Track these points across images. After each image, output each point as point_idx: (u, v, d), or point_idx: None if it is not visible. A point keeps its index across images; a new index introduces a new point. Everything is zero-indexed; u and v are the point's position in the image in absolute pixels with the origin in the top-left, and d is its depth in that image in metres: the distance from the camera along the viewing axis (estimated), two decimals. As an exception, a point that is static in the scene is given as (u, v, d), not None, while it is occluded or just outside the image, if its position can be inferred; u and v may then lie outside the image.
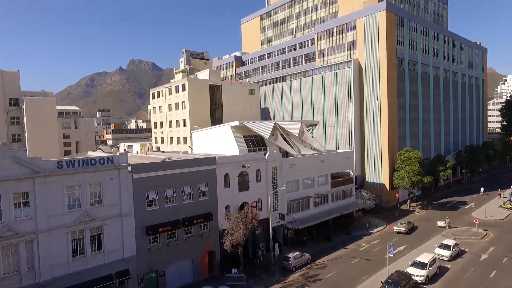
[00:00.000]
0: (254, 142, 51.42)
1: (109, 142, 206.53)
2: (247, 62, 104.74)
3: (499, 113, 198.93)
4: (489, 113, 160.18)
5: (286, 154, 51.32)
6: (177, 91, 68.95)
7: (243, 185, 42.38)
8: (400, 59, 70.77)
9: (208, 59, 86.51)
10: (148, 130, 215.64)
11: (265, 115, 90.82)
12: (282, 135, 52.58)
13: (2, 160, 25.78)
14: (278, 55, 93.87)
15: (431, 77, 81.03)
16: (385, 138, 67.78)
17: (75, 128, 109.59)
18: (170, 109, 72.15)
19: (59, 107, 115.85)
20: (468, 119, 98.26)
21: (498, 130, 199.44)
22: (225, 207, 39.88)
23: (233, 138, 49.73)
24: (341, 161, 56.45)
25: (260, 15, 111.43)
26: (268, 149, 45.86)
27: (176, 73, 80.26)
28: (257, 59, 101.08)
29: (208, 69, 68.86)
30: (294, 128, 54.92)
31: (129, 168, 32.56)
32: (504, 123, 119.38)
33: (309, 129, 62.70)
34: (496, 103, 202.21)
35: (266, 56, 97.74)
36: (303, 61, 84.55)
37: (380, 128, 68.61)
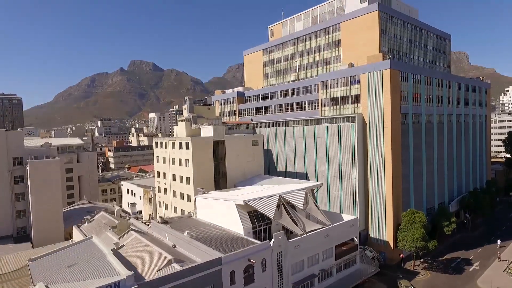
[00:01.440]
0: (259, 218, 51.42)
1: (111, 160, 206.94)
2: (250, 99, 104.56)
3: (501, 131, 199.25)
4: (492, 129, 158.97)
5: (290, 232, 51.26)
6: (180, 147, 68.83)
7: (249, 278, 42.25)
8: (404, 114, 70.56)
9: (210, 104, 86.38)
10: (150, 147, 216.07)
11: (268, 158, 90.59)
12: (286, 209, 52.53)
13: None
14: (281, 96, 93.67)
15: (435, 125, 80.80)
16: (389, 195, 67.64)
17: (78, 162, 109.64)
18: (173, 163, 72.02)
19: (62, 140, 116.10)
20: (472, 159, 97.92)
21: (501, 149, 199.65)
22: (231, 305, 39.78)
23: (238, 216, 49.83)
24: (345, 230, 56.26)
25: (263, 49, 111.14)
26: (273, 236, 45.69)
27: (180, 121, 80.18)
28: (260, 97, 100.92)
29: (212, 126, 68.67)
30: (298, 198, 54.80)
31: (136, 288, 32.42)
32: (508, 155, 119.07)
33: (314, 190, 62.68)
34: (499, 121, 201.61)
35: (269, 95, 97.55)
36: (306, 107, 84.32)
37: (384, 184, 68.46)
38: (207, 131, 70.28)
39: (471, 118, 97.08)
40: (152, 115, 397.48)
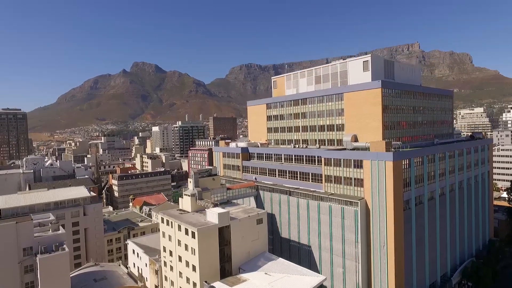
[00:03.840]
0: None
1: (115, 187, 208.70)
2: (254, 156, 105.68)
3: (504, 160, 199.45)
4: (494, 157, 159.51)
5: None
6: (186, 233, 70.12)
7: None
8: (407, 200, 71.55)
9: (216, 174, 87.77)
10: (153, 174, 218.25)
11: (272, 223, 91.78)
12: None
13: None
14: (285, 160, 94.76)
15: (438, 199, 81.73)
16: (392, 278, 68.75)
17: (84, 215, 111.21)
18: (179, 244, 73.27)
19: (69, 192, 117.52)
20: (474, 218, 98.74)
21: (502, 177, 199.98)
22: None
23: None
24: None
25: (267, 103, 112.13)
26: None
27: (185, 194, 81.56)
28: (264, 156, 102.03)
29: (217, 213, 69.83)
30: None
31: None
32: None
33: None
34: (502, 149, 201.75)
35: (273, 156, 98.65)
36: (310, 179, 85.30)
37: (387, 268, 69.57)
38: (212, 216, 71.48)
39: (474, 179, 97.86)
40: (155, 128, 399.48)
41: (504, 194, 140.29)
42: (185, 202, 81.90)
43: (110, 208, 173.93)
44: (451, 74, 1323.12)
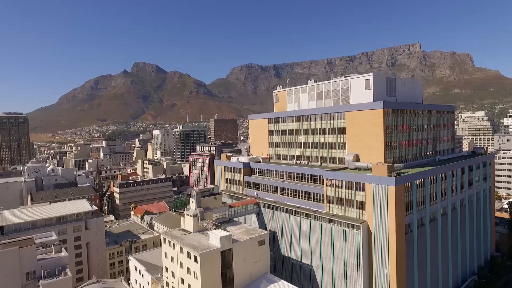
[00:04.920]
0: None
1: (117, 195, 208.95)
2: (255, 171, 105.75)
3: (505, 168, 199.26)
4: (496, 164, 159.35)
5: None
6: (189, 257, 70.27)
7: None
8: (409, 223, 71.62)
9: (218, 193, 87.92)
10: (154, 181, 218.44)
11: (273, 240, 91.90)
12: None
13: None
14: (286, 177, 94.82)
15: (439, 220, 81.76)
16: (394, 304, 68.88)
17: (86, 229, 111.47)
18: (182, 267, 73.49)
19: (71, 206, 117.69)
20: (476, 234, 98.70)
21: (503, 185, 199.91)
22: None
23: None
24: None
25: (268, 118, 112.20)
26: None
27: (187, 214, 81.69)
28: (265, 172, 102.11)
29: (220, 236, 69.94)
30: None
31: None
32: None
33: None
34: (503, 157, 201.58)
35: (275, 173, 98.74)
36: (312, 198, 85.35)
37: (389, 291, 69.70)
38: (214, 239, 71.60)
39: (475, 196, 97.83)
40: (156, 132, 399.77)
41: (506, 205, 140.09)
42: (187, 222, 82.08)
43: (112, 217, 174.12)
44: (452, 74, 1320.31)
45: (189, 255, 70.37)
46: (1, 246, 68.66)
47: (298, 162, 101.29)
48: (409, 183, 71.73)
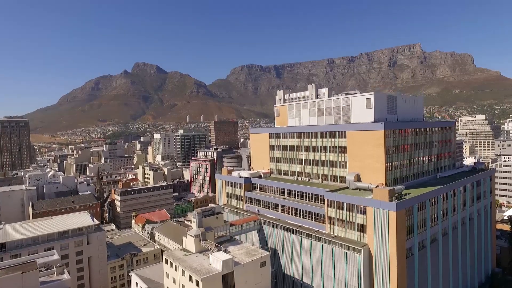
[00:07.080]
0: None
1: (117, 203, 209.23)
2: (256, 187, 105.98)
3: (505, 176, 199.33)
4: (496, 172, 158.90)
5: None
6: (191, 280, 70.57)
7: None
8: (410, 247, 71.84)
9: (220, 213, 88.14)
10: (155, 189, 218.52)
11: (275, 258, 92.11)
12: None
13: None
14: (287, 194, 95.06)
15: (440, 240, 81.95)
16: (395, 328, 69.13)
17: (88, 243, 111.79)
18: (183, 289, 73.84)
19: (73, 220, 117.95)
20: (477, 253, 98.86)
21: (503, 192, 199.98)
22: None
23: None
24: None
25: (269, 133, 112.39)
26: None
27: (189, 235, 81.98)
28: (266, 188, 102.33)
29: (221, 260, 70.22)
30: None
31: None
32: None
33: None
34: (504, 165, 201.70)
35: (276, 190, 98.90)
36: (313, 218, 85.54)
37: (390, 315, 69.93)
38: (216, 262, 71.86)
39: (476, 213, 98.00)
40: (157, 136, 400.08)
41: (506, 217, 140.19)
42: (189, 243, 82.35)
43: (113, 226, 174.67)
44: (452, 75, 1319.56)
45: (191, 279, 70.65)
46: (4, 271, 68.85)
47: (299, 178, 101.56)
48: (411, 208, 71.92)
